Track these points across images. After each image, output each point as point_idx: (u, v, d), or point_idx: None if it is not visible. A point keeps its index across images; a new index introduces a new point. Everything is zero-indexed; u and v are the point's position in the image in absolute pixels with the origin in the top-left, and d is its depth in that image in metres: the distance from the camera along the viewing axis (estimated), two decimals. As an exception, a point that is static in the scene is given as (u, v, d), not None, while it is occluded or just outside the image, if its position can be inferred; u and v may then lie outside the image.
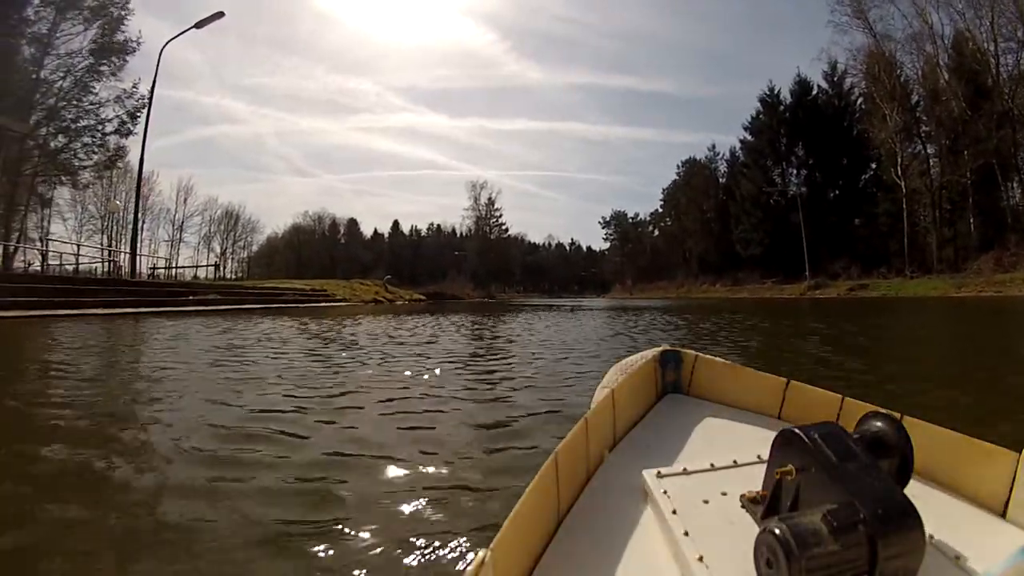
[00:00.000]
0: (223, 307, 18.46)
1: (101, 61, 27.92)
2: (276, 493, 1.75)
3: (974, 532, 0.77)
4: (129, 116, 27.93)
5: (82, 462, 2.08)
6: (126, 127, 27.93)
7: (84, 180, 30.57)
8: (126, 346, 6.83)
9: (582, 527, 0.87)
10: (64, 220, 48.74)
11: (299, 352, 5.94)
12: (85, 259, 32.06)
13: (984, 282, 29.69)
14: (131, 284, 20.18)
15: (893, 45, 42.95)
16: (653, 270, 77.19)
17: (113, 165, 29.03)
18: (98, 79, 28.07)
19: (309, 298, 29.25)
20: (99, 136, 28.35)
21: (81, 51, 27.40)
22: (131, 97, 28.07)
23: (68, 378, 4.18)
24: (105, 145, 28.66)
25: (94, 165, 29.28)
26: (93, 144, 28.36)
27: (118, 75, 28.52)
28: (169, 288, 21.39)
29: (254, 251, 78.23)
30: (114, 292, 16.75)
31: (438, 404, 3.21)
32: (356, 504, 1.66)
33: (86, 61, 27.54)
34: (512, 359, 5.42)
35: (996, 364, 4.84)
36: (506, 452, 2.23)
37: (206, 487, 1.78)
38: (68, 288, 15.61)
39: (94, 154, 28.70)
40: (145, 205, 58.65)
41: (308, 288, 32.68)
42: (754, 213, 56.21)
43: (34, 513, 1.59)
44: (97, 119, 28.15)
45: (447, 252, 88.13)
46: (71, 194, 42.37)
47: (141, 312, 14.29)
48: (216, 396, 3.37)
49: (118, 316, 12.86)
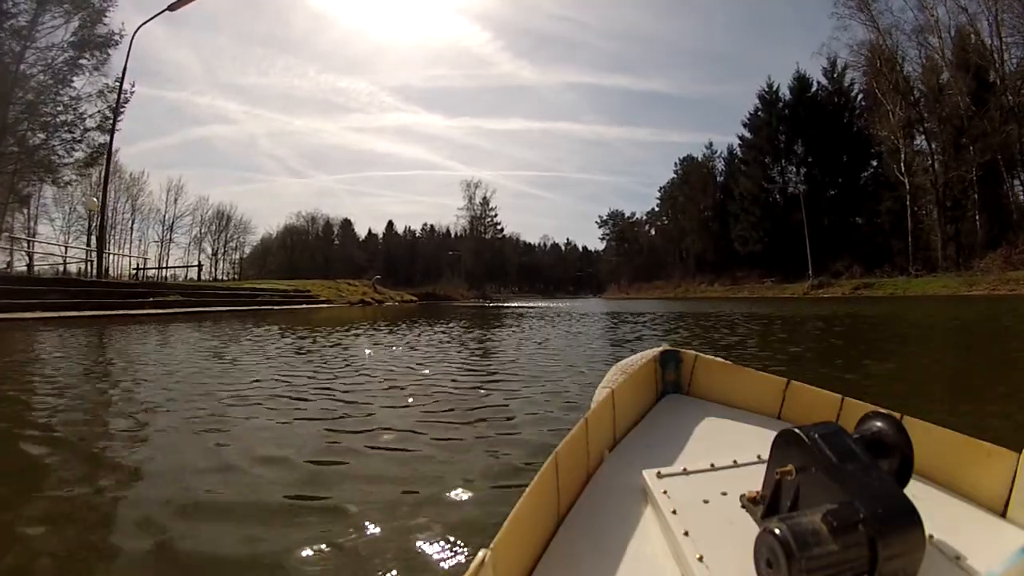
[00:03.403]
0: (184, 310, 17.73)
1: (82, 55, 27.64)
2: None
3: (974, 532, 0.78)
4: (111, 111, 27.62)
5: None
6: (108, 123, 27.57)
7: (65, 178, 30.13)
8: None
9: (582, 527, 0.88)
10: (51, 220, 48.76)
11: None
12: (73, 260, 32.06)
13: (996, 280, 29.67)
14: (82, 284, 18.78)
15: (897, 38, 43.25)
16: (650, 270, 77.39)
17: (94, 162, 28.59)
18: (79, 73, 27.81)
19: (290, 300, 28.46)
20: (79, 132, 28.04)
21: (62, 44, 27.15)
22: (113, 92, 27.78)
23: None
24: (85, 141, 28.35)
25: (74, 163, 28.93)
26: (73, 140, 28.04)
27: (101, 69, 28.25)
28: (128, 289, 20.20)
29: (247, 252, 78.41)
30: (61, 294, 15.07)
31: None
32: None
33: (66, 54, 27.29)
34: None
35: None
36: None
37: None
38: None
39: (74, 151, 28.36)
40: (135, 205, 58.99)
41: (291, 289, 32.00)
42: (753, 211, 56.39)
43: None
44: (76, 114, 27.84)
45: (442, 252, 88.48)
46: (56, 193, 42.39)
47: (81, 317, 13.22)
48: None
49: (40, 322, 11.49)
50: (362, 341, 7.88)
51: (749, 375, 1.36)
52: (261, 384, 4.12)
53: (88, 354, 6.45)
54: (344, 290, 37.43)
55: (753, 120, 58.71)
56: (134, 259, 46.52)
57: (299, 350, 6.59)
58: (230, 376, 4.57)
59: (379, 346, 7.14)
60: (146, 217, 61.42)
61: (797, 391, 1.24)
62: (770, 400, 1.28)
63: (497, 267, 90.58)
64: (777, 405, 1.27)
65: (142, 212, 60.58)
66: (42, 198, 43.72)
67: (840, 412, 1.10)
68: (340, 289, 37.25)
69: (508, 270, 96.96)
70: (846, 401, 1.10)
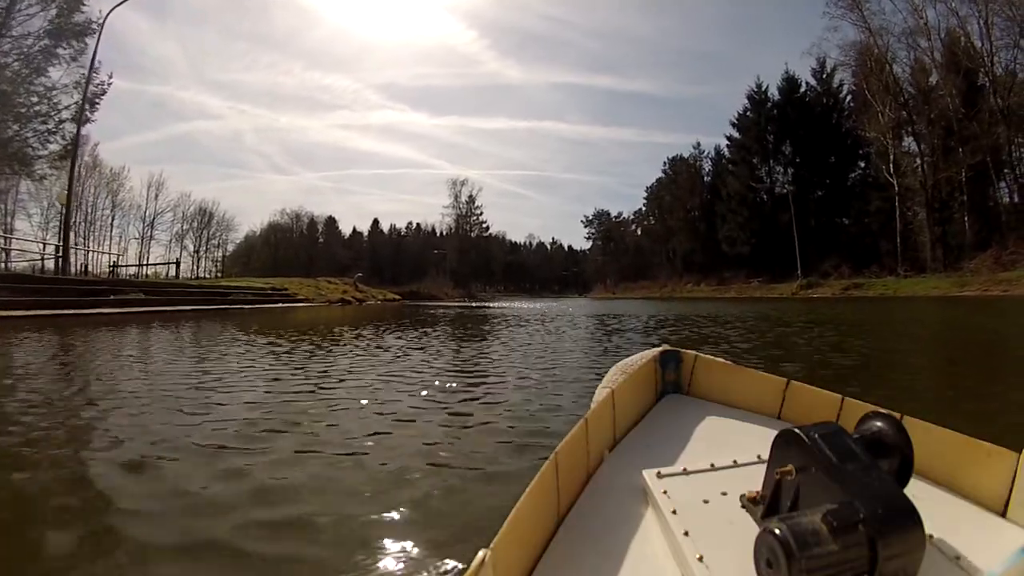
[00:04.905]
0: (145, 309, 16.82)
1: (59, 44, 27.09)
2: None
3: (974, 532, 0.79)
4: (88, 103, 27.11)
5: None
6: (84, 114, 27.08)
7: (40, 171, 29.50)
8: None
9: (582, 527, 0.89)
10: (29, 216, 47.97)
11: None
12: (51, 257, 31.21)
13: (988, 281, 30.05)
14: (35, 282, 17.69)
15: (887, 39, 43.76)
16: (636, 269, 77.84)
17: (70, 155, 28.03)
18: (55, 63, 27.23)
19: (266, 298, 27.70)
20: (54, 123, 27.47)
21: (38, 32, 26.60)
22: (91, 83, 27.29)
23: None
24: (60, 133, 27.77)
25: (49, 155, 28.35)
26: (47, 132, 27.48)
27: (79, 60, 27.64)
28: (87, 286, 18.76)
29: (230, 250, 77.68)
30: (9, 292, 14.21)
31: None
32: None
33: (41, 43, 26.74)
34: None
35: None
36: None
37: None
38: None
39: (49, 143, 27.79)
40: (115, 201, 58.21)
41: (267, 287, 31.22)
42: (741, 212, 56.88)
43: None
44: (51, 105, 27.29)
45: (427, 251, 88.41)
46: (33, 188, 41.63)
47: (18, 317, 12.20)
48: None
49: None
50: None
51: (749, 375, 1.37)
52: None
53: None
54: (324, 288, 36.91)
55: (742, 120, 59.22)
56: (111, 256, 45.88)
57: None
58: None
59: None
60: (126, 213, 60.72)
61: (797, 391, 1.26)
62: (770, 400, 1.30)
63: (483, 266, 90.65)
64: (777, 405, 1.28)
65: (122, 208, 59.91)
66: (19, 193, 43.11)
67: (840, 412, 1.11)
68: (320, 287, 36.74)
69: (494, 269, 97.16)
70: (846, 401, 1.11)
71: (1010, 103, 36.36)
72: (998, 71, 37.87)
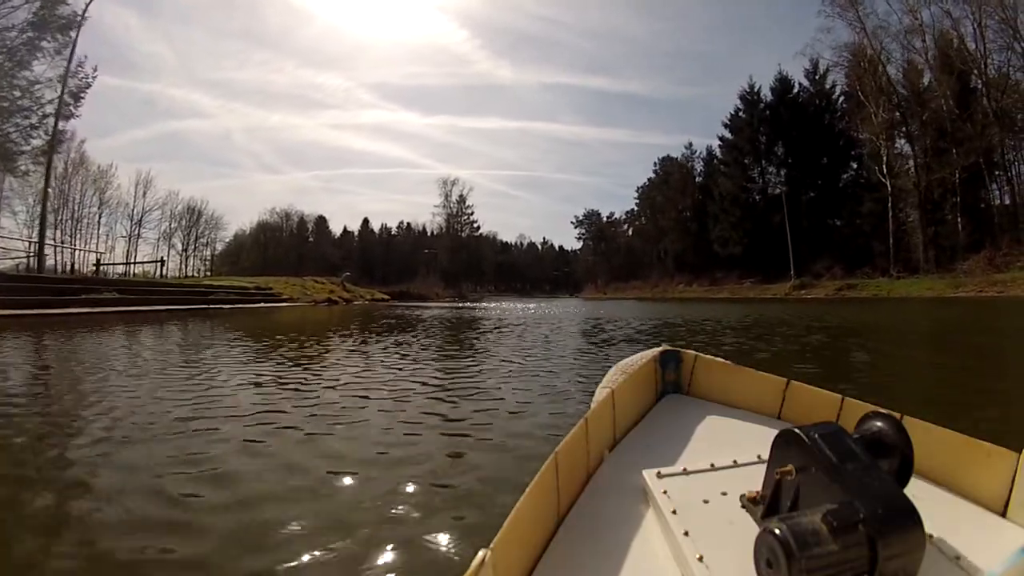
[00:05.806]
0: (118, 309, 16.24)
1: (42, 36, 26.81)
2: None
3: (974, 532, 0.79)
4: (72, 97, 26.86)
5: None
6: (68, 109, 26.82)
7: (22, 167, 29.15)
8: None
9: (582, 527, 0.89)
10: (15, 214, 47.20)
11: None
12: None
13: (983, 282, 30.33)
14: (4, 280, 16.97)
15: (882, 38, 44.12)
16: (627, 269, 77.93)
17: (53, 151, 27.72)
18: (38, 56, 26.93)
19: (249, 298, 27.27)
20: (37, 118, 27.17)
21: (22, 24, 26.29)
22: (74, 77, 27.04)
23: None
24: (43, 128, 27.46)
25: (32, 151, 28.03)
26: (30, 127, 27.18)
27: (63, 53, 27.38)
28: (58, 285, 18.20)
29: (219, 248, 77.23)
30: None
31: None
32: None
33: (25, 35, 26.45)
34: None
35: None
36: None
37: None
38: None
39: (32, 138, 27.47)
40: (102, 198, 57.45)
41: (252, 287, 30.87)
42: (733, 212, 57.07)
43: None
44: (34, 99, 26.99)
45: (418, 251, 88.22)
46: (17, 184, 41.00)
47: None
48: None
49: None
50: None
51: (749, 375, 1.38)
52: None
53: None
54: (310, 288, 36.58)
55: (734, 121, 59.45)
56: (97, 254, 45.28)
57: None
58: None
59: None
60: (114, 211, 59.75)
61: (797, 391, 1.27)
62: (770, 400, 1.31)
63: (473, 266, 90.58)
64: (777, 405, 1.29)
65: (110, 205, 58.92)
66: (3, 190, 42.53)
67: (840, 412, 1.12)
68: (306, 287, 36.39)
69: (485, 269, 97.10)
70: (846, 401, 1.12)
71: (1003, 105, 36.81)
72: (991, 73, 38.33)
